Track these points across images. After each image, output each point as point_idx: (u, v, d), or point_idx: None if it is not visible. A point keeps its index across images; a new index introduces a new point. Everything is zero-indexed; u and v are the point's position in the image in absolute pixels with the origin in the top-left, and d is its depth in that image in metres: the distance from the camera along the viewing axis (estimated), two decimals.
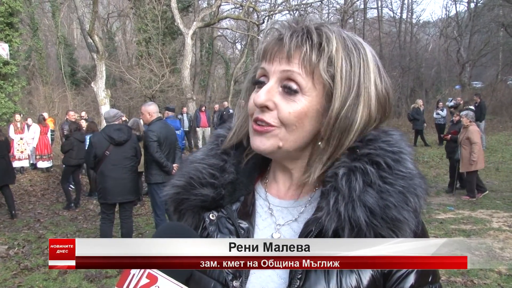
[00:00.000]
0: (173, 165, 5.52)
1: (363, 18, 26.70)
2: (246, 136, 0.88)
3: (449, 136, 8.78)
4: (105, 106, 13.33)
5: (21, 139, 10.60)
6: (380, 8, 27.72)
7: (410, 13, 27.43)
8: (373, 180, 0.73)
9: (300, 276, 0.73)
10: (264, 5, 24.21)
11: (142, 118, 6.08)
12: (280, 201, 0.86)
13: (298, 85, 0.75)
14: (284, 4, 21.47)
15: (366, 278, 0.74)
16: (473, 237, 5.62)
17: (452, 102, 14.80)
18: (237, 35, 28.01)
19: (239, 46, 30.71)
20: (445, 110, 14.57)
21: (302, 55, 0.75)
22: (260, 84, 0.79)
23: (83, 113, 12.91)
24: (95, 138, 5.40)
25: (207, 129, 15.34)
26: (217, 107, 16.60)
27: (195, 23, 17.15)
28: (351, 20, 25.48)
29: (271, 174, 0.90)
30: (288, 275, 0.75)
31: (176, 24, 17.54)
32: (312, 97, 0.76)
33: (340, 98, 0.75)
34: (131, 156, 5.37)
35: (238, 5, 19.81)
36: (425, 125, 15.08)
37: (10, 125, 10.90)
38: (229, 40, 29.63)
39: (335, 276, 0.73)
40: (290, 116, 0.76)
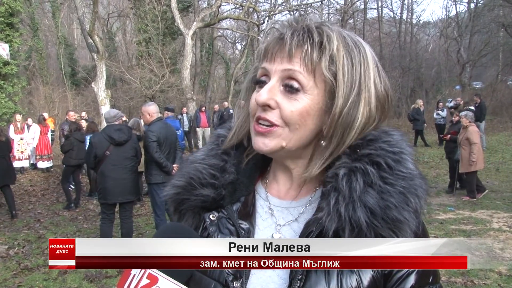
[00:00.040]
0: (173, 165, 5.52)
1: (363, 19, 26.72)
2: (247, 136, 0.88)
3: (449, 136, 8.78)
4: (105, 106, 13.34)
5: (21, 139, 10.60)
6: (380, 9, 27.78)
7: (410, 14, 27.51)
8: (374, 180, 0.73)
9: (300, 276, 0.73)
10: (264, 5, 24.25)
11: (142, 118, 6.08)
12: (280, 201, 0.86)
13: (299, 84, 0.75)
14: (284, 4, 21.48)
15: (366, 279, 0.74)
16: (473, 238, 5.61)
17: (452, 103, 14.79)
18: (237, 35, 28.03)
19: (239, 46, 30.75)
20: (445, 110, 14.56)
21: (303, 54, 0.75)
22: (261, 84, 0.79)
23: (83, 113, 12.91)
24: (95, 138, 5.40)
25: (207, 129, 15.33)
26: (217, 107, 16.59)
27: (195, 23, 17.15)
28: (351, 21, 25.49)
29: (271, 174, 0.90)
30: (289, 276, 0.75)
31: (176, 24, 17.55)
32: (313, 96, 0.76)
33: (343, 95, 0.75)
34: (131, 156, 5.37)
35: (238, 6, 19.81)
36: (425, 125, 15.07)
37: (10, 125, 10.89)
38: (229, 40, 29.65)
39: (336, 277, 0.73)
40: (293, 114, 0.76)
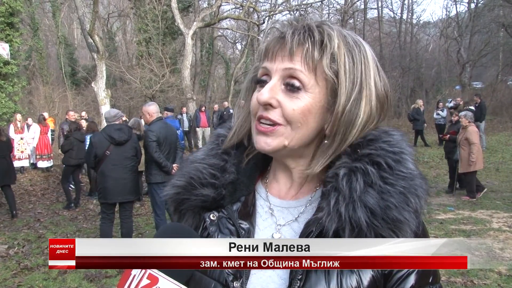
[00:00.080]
0: (173, 165, 5.52)
1: (363, 19, 26.71)
2: (247, 135, 0.88)
3: (448, 136, 8.79)
4: (105, 106, 13.34)
5: (21, 139, 10.60)
6: (380, 9, 27.77)
7: (410, 14, 27.49)
8: (374, 180, 0.73)
9: (300, 276, 0.73)
10: (264, 5, 24.26)
11: (143, 118, 6.08)
12: (281, 201, 0.86)
13: (301, 82, 0.76)
14: (284, 4, 21.47)
15: (366, 279, 0.73)
16: (473, 238, 5.61)
17: (452, 103, 14.79)
18: (237, 35, 28.03)
19: (239, 46, 30.76)
20: (445, 110, 14.56)
21: (304, 52, 0.75)
22: (262, 83, 0.79)
23: (83, 113, 12.91)
24: (95, 138, 5.41)
25: (207, 129, 15.33)
26: (216, 107, 16.59)
27: (195, 23, 17.15)
28: (351, 21, 25.48)
29: (271, 174, 0.90)
30: (289, 276, 0.75)
31: (176, 24, 17.54)
32: (315, 94, 0.76)
33: (345, 93, 0.76)
34: (131, 156, 5.37)
35: (238, 5, 19.81)
36: (425, 125, 15.07)
37: (10, 125, 10.89)
38: (229, 40, 29.66)
39: (336, 277, 0.73)
40: (295, 113, 0.76)
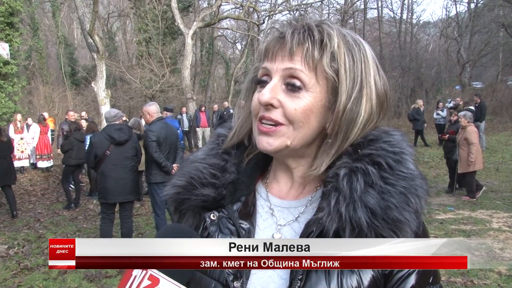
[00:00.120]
0: (173, 165, 5.52)
1: (363, 19, 26.71)
2: (247, 136, 0.88)
3: (447, 136, 8.80)
4: (105, 106, 13.34)
5: (21, 139, 10.60)
6: (380, 9, 27.77)
7: (410, 14, 27.49)
8: (374, 180, 0.73)
9: (301, 276, 0.73)
10: (264, 5, 24.26)
11: (143, 118, 6.09)
12: (281, 201, 0.86)
13: (301, 82, 0.76)
14: (284, 4, 21.46)
15: (367, 279, 0.73)
16: (473, 237, 5.61)
17: (452, 103, 14.80)
18: (237, 35, 28.02)
19: (239, 46, 30.75)
20: (445, 110, 14.57)
21: (304, 52, 0.75)
22: (262, 84, 0.79)
23: (83, 113, 12.91)
24: (95, 138, 5.40)
25: (207, 129, 15.33)
26: (216, 107, 16.58)
27: (195, 23, 17.15)
28: (351, 21, 25.48)
29: (271, 174, 0.90)
30: (289, 276, 0.75)
31: (176, 24, 17.54)
32: (316, 93, 0.76)
33: (346, 91, 0.76)
34: (131, 156, 5.37)
35: (238, 5, 19.81)
36: (425, 125, 15.07)
37: (10, 125, 10.89)
38: (229, 40, 29.66)
39: (336, 277, 0.73)
40: (296, 112, 0.76)
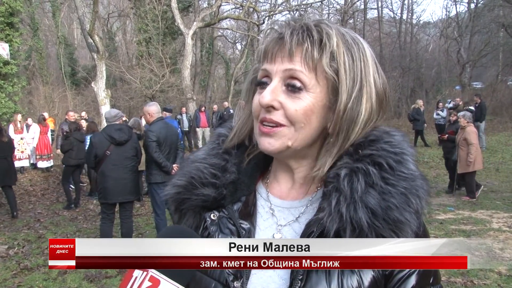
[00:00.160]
0: (173, 165, 5.52)
1: (363, 19, 26.72)
2: (248, 136, 0.88)
3: (446, 136, 8.80)
4: (105, 106, 13.34)
5: (21, 139, 10.60)
6: (380, 9, 27.77)
7: (410, 14, 27.49)
8: (375, 181, 0.73)
9: (301, 277, 0.73)
10: (264, 5, 24.26)
11: (144, 118, 6.09)
12: (281, 201, 0.86)
13: (301, 83, 0.76)
14: (284, 4, 21.46)
15: (367, 279, 0.73)
16: (473, 238, 5.61)
17: (451, 104, 14.81)
18: (237, 35, 28.03)
19: (239, 46, 30.76)
20: (445, 110, 14.57)
21: (303, 52, 0.75)
22: (262, 85, 0.79)
23: (83, 113, 12.91)
24: (96, 138, 5.41)
25: (207, 129, 15.32)
26: (215, 107, 16.58)
27: (195, 23, 17.15)
28: (351, 21, 25.48)
29: (272, 174, 0.90)
30: (289, 276, 0.75)
31: (176, 24, 17.54)
32: (316, 93, 0.76)
33: (346, 91, 0.76)
34: (131, 156, 5.37)
35: (238, 5, 19.81)
36: (425, 125, 15.07)
37: (10, 125, 10.88)
38: (229, 40, 29.66)
39: (336, 277, 0.72)
40: (297, 113, 0.76)
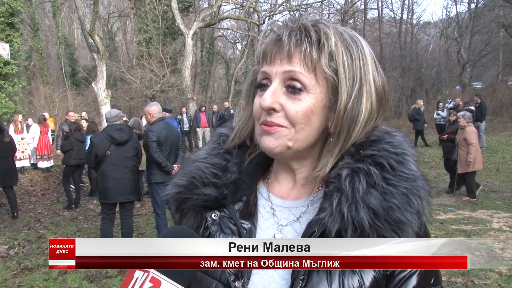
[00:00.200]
0: (173, 165, 5.52)
1: (363, 19, 26.72)
2: (249, 136, 0.88)
3: (446, 136, 8.80)
4: (105, 106, 13.35)
5: (22, 139, 10.61)
6: (380, 9, 27.79)
7: (410, 14, 27.50)
8: (377, 181, 0.73)
9: (302, 277, 0.73)
10: (264, 5, 24.27)
11: (144, 118, 6.09)
12: (283, 201, 0.86)
13: (301, 84, 0.76)
14: (284, 4, 21.47)
15: (368, 279, 0.73)
16: (473, 238, 5.60)
17: (452, 104, 14.80)
18: (237, 35, 28.04)
19: (239, 47, 30.78)
20: (446, 110, 14.58)
21: (302, 53, 0.75)
22: (263, 87, 0.79)
23: (84, 113, 12.91)
24: (96, 138, 5.41)
25: (207, 129, 15.33)
26: (215, 108, 16.58)
27: (195, 23, 17.16)
28: (351, 21, 25.48)
29: (273, 174, 0.90)
30: (290, 276, 0.75)
31: (176, 24, 17.55)
32: (316, 94, 0.76)
33: (346, 90, 0.76)
34: (132, 156, 5.37)
35: (238, 6, 19.82)
36: (425, 125, 15.07)
37: (10, 125, 10.89)
38: (229, 40, 29.68)
39: (337, 277, 0.72)
40: (298, 115, 0.76)
